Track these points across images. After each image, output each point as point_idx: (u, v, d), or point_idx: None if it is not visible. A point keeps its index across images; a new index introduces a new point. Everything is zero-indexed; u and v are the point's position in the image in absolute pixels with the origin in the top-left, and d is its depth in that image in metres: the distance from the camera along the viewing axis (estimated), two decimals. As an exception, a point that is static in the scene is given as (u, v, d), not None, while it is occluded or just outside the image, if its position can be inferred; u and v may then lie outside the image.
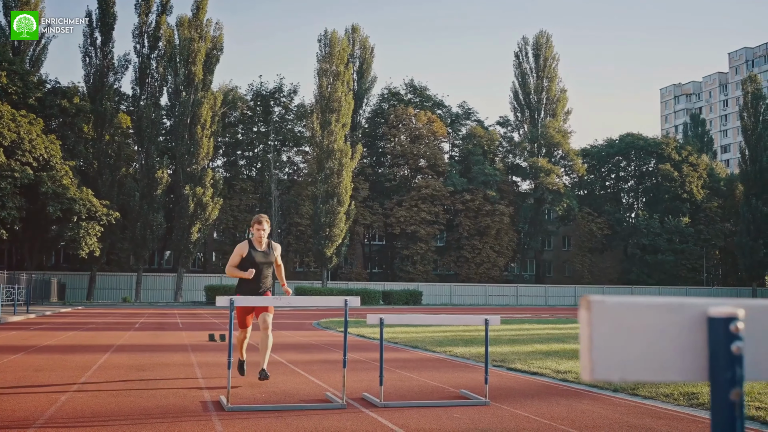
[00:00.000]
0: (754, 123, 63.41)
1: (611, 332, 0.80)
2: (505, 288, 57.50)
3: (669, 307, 0.83)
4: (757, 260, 60.96)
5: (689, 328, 0.81)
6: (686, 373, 0.81)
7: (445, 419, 5.26)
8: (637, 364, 0.81)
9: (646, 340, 0.81)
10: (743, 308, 0.80)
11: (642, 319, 0.81)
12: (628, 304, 0.82)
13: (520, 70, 64.41)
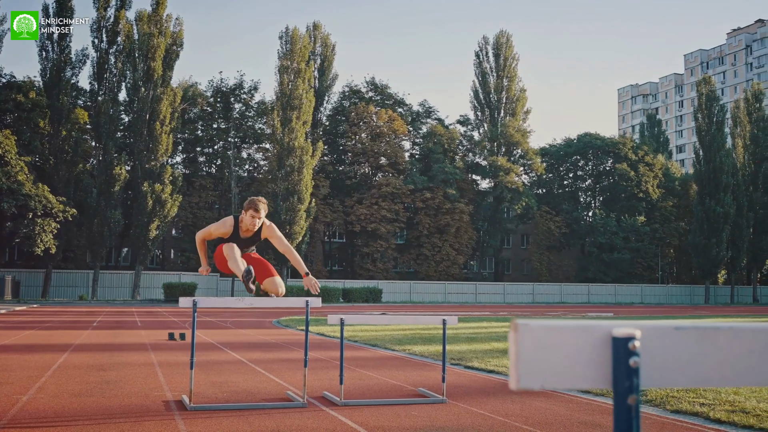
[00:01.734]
0: (708, 124, 64.74)
1: (534, 350, 0.93)
2: (465, 286, 57.99)
3: (581, 329, 0.95)
4: (710, 258, 62.28)
5: (597, 345, 0.95)
6: (595, 381, 0.95)
7: (404, 417, 5.41)
8: (555, 375, 0.95)
9: (563, 356, 0.94)
10: (640, 329, 0.95)
11: (559, 338, 0.94)
12: (548, 326, 0.94)
13: (481, 69, 64.94)
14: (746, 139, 68.19)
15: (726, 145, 65.41)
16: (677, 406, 5.78)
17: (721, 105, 67.10)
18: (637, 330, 0.95)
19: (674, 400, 5.99)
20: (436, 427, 5.05)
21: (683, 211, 69.23)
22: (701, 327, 0.96)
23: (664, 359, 0.96)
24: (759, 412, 5.39)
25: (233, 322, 19.93)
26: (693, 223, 64.50)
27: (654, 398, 6.14)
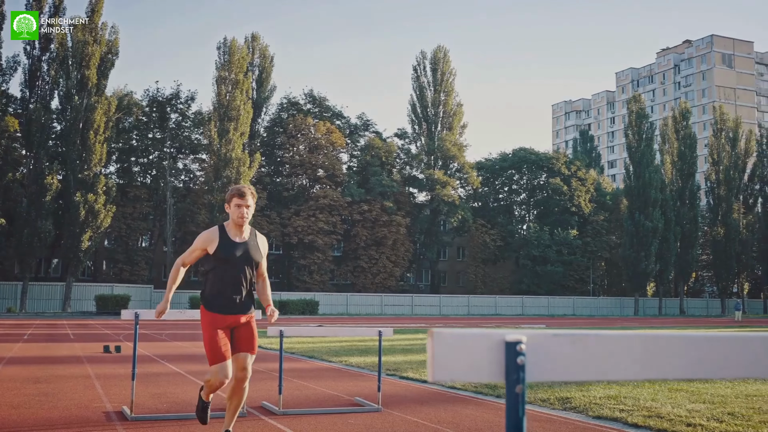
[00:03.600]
0: (638, 141, 66.73)
1: (445, 352, 1.16)
2: (401, 298, 58.40)
3: (482, 335, 1.17)
4: (639, 271, 64.05)
5: (494, 348, 1.18)
6: (491, 376, 1.17)
7: (341, 425, 5.63)
8: (461, 371, 1.16)
9: (468, 356, 1.17)
10: (526, 336, 1.19)
11: (465, 343, 1.17)
12: (456, 333, 1.17)
13: (418, 83, 65.70)
14: (674, 155, 70.46)
15: (655, 162, 67.48)
16: (599, 412, 6.13)
17: (650, 122, 69.32)
18: (524, 336, 1.18)
19: (596, 407, 6.35)
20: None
21: (614, 225, 71.09)
22: (573, 334, 1.21)
23: (545, 359, 1.19)
24: (672, 417, 5.78)
25: (169, 335, 19.82)
26: (623, 236, 66.28)
27: (578, 405, 6.49)
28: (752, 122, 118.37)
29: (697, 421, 5.55)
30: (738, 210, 73.80)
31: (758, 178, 76.24)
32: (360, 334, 7.16)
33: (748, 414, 5.87)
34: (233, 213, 5.14)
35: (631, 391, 7.33)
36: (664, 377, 1.21)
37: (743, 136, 76.98)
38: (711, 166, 74.28)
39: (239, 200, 5.14)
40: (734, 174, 73.24)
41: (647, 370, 1.21)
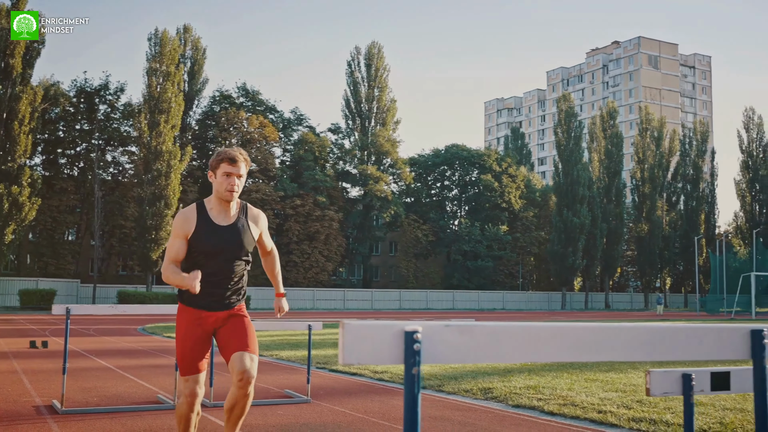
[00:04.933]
0: (567, 139, 68.25)
1: (353, 339, 1.36)
2: (334, 292, 58.56)
3: (385, 326, 1.39)
4: (566, 266, 65.57)
5: (395, 336, 1.39)
6: (392, 360, 1.38)
7: (270, 416, 5.80)
8: (367, 356, 1.37)
9: (373, 343, 1.37)
10: (421, 326, 1.40)
11: (370, 332, 1.37)
12: (363, 324, 1.38)
13: (353, 79, 65.86)
14: (601, 153, 72.31)
15: (583, 159, 69.12)
16: (518, 401, 6.44)
17: (579, 121, 70.96)
18: (420, 327, 1.39)
19: (516, 396, 6.66)
20: (300, 424, 5.47)
21: (543, 221, 72.62)
22: (462, 325, 1.43)
23: (438, 346, 1.41)
24: (585, 405, 6.12)
25: (97, 330, 19.59)
26: (552, 232, 67.74)
27: (498, 395, 6.80)
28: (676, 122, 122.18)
29: (607, 408, 5.90)
30: (661, 207, 76.24)
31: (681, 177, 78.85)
32: (291, 328, 7.33)
33: (655, 401, 6.26)
34: (219, 185, 4.09)
35: (549, 381, 7.68)
36: (536, 360, 1.44)
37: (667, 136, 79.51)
38: (636, 164, 76.48)
39: (229, 167, 4.09)
40: (658, 172, 75.60)
41: (522, 355, 1.44)
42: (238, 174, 4.10)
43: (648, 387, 2.14)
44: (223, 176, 4.08)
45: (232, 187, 4.08)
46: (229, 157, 4.09)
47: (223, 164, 4.09)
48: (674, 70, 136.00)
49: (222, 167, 4.09)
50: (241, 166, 4.11)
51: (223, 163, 4.08)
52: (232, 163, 4.08)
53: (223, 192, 4.09)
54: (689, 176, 78.66)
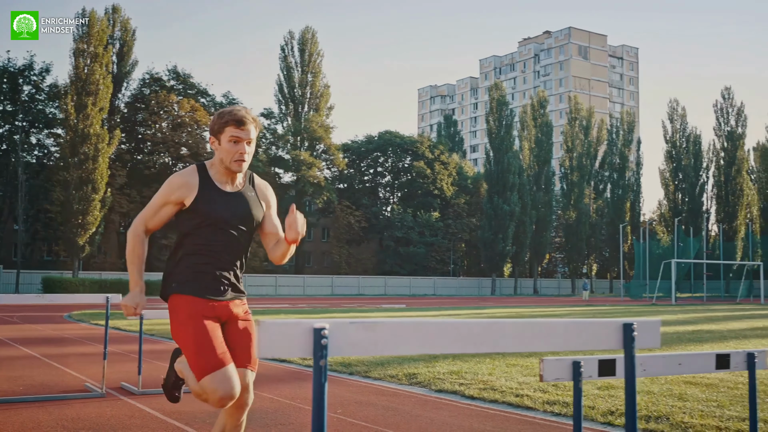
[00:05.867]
0: (498, 127, 69.25)
1: (269, 335, 1.52)
2: (265, 278, 58.37)
3: (297, 323, 1.54)
4: (496, 253, 66.71)
5: (306, 332, 1.55)
6: (304, 353, 1.54)
7: (199, 403, 5.91)
8: (282, 349, 1.53)
9: (286, 338, 1.53)
10: (328, 323, 1.56)
11: (285, 328, 1.53)
12: (277, 322, 1.53)
13: (286, 63, 65.48)
14: (531, 142, 73.59)
15: (514, 147, 70.25)
16: (440, 386, 6.69)
17: (510, 109, 72.03)
18: (327, 324, 1.56)
19: (439, 381, 6.92)
20: (227, 410, 5.61)
21: (474, 208, 73.63)
22: (365, 322, 1.60)
23: (343, 340, 1.58)
24: (504, 389, 6.41)
25: (21, 317, 19.23)
26: (482, 219, 68.77)
27: (422, 380, 7.04)
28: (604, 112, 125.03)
29: (525, 392, 6.19)
30: (589, 195, 78.10)
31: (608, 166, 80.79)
32: (219, 317, 7.40)
33: (569, 384, 6.58)
34: (225, 153, 3.42)
35: (472, 367, 7.97)
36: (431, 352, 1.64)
37: (595, 125, 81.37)
38: (565, 153, 78.09)
39: (237, 131, 3.41)
40: (586, 161, 77.37)
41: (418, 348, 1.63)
42: (247, 139, 3.43)
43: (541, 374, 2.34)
44: (229, 142, 3.41)
45: (242, 155, 3.42)
46: (236, 118, 3.42)
47: (229, 128, 3.41)
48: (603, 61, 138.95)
49: (227, 132, 3.41)
50: (250, 129, 3.45)
51: (229, 126, 3.41)
52: (240, 126, 3.41)
53: (230, 162, 3.42)
54: (616, 165, 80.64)
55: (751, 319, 21.04)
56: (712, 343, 11.46)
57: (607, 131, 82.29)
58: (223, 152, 3.42)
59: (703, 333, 14.06)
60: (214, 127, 3.45)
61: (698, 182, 76.11)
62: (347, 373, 7.72)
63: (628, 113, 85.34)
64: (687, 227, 67.47)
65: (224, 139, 3.41)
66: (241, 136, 3.40)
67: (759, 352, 2.72)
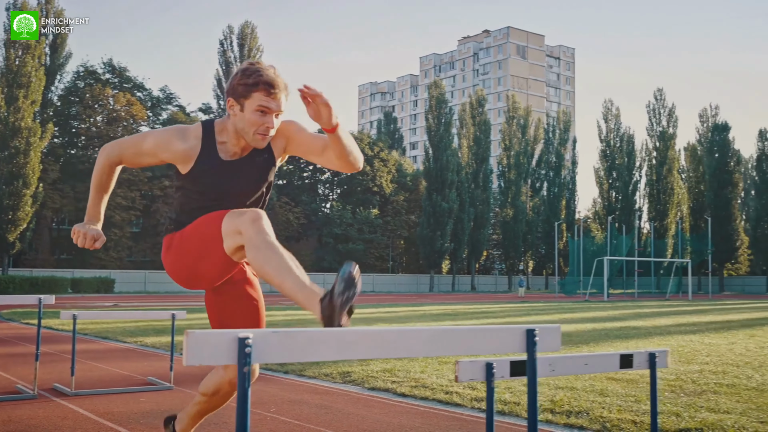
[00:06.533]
0: (437, 125, 69.91)
1: (195, 345, 1.63)
2: (203, 275, 57.79)
3: (221, 333, 1.66)
4: (435, 250, 67.37)
5: (231, 342, 1.66)
6: (229, 361, 1.65)
7: (133, 403, 5.95)
8: (208, 358, 1.64)
9: (212, 347, 1.64)
10: (252, 333, 1.67)
11: (211, 338, 1.64)
12: (204, 332, 1.65)
13: (225, 58, 64.95)
14: (470, 140, 74.47)
15: (453, 145, 71.03)
16: (373, 384, 6.85)
17: (449, 107, 72.76)
18: (251, 333, 1.68)
19: (372, 380, 7.07)
20: (162, 410, 5.65)
21: (413, 205, 74.19)
22: (286, 331, 1.73)
23: (266, 348, 1.70)
24: (435, 386, 6.60)
25: None
26: (421, 216, 69.34)
27: (356, 378, 7.19)
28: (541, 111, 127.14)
29: (454, 389, 6.39)
30: (526, 193, 79.46)
31: (544, 164, 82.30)
32: (154, 317, 7.45)
33: (497, 383, 6.81)
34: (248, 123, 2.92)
35: (404, 365, 8.15)
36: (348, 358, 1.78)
37: (533, 124, 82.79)
38: (503, 151, 79.26)
39: (267, 99, 2.90)
40: (523, 159, 78.65)
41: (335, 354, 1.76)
42: (278, 111, 2.94)
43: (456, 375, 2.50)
44: (255, 112, 2.90)
45: (267, 130, 2.95)
46: (268, 81, 2.87)
47: (258, 93, 2.88)
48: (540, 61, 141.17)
49: (255, 98, 2.88)
50: (282, 98, 2.94)
51: (258, 92, 2.87)
52: (271, 93, 2.89)
53: (252, 136, 2.95)
54: (552, 163, 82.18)
55: (678, 315, 21.78)
56: (636, 340, 11.88)
57: (544, 130, 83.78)
58: (245, 122, 2.93)
59: (629, 330, 14.54)
60: (238, 89, 2.91)
61: (631, 181, 78.03)
62: (282, 372, 7.82)
63: (564, 112, 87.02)
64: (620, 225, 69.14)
65: (250, 107, 2.90)
66: (271, 107, 2.91)
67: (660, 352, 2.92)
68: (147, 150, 3.07)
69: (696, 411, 5.26)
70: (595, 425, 4.87)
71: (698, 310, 26.31)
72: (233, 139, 3.03)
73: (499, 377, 2.56)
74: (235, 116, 2.96)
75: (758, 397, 5.96)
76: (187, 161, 3.04)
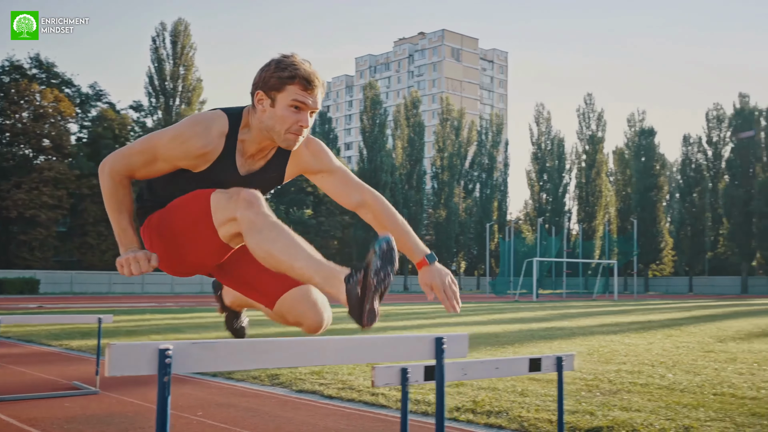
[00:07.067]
0: (372, 125, 70.22)
1: (117, 356, 1.71)
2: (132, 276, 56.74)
3: (145, 345, 1.74)
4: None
5: (151, 353, 1.75)
6: (150, 371, 1.74)
7: (57, 408, 5.91)
8: (129, 369, 1.73)
9: (133, 358, 1.73)
10: (173, 345, 1.77)
11: (131, 350, 1.73)
12: (127, 344, 1.73)
13: (157, 55, 64.08)
14: (404, 141, 75.03)
15: (387, 146, 71.42)
16: (301, 386, 6.94)
17: (384, 108, 73.14)
18: (172, 345, 1.77)
19: (300, 382, 7.16)
20: (86, 415, 5.64)
21: (346, 206, 74.25)
22: (205, 342, 1.83)
23: (186, 359, 1.80)
24: (362, 388, 6.72)
25: None
26: (355, 217, 69.42)
27: (284, 381, 7.26)
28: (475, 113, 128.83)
29: (380, 391, 6.52)
30: (459, 194, 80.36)
31: (477, 166, 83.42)
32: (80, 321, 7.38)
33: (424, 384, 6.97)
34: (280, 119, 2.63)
35: (333, 367, 8.25)
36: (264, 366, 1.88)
37: (466, 126, 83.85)
38: (437, 152, 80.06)
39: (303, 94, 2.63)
40: (457, 161, 79.60)
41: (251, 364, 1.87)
42: (313, 108, 2.66)
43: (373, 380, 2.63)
44: (288, 108, 2.61)
45: (301, 129, 2.65)
46: (305, 75, 2.60)
47: (293, 87, 2.60)
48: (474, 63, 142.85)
49: (289, 92, 2.60)
50: (318, 95, 2.67)
51: (294, 85, 2.60)
52: (308, 88, 2.62)
53: (284, 135, 2.64)
54: (485, 165, 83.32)
55: (603, 315, 22.40)
56: (560, 341, 12.22)
57: (477, 132, 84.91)
58: (276, 119, 2.62)
59: (555, 330, 14.93)
60: (270, 81, 2.61)
61: (561, 183, 79.67)
62: (210, 375, 7.84)
63: (497, 115, 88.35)
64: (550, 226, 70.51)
65: (282, 102, 2.61)
66: (307, 103, 2.62)
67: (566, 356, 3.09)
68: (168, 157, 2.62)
69: (609, 410, 5.51)
70: (513, 424, 5.07)
71: (622, 310, 27.10)
72: (256, 138, 2.69)
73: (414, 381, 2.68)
74: (264, 112, 2.64)
75: (668, 395, 6.26)
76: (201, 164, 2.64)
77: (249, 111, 2.70)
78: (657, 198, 78.50)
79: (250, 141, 2.68)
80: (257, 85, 2.64)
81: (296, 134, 2.63)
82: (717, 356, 9.67)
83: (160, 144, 2.60)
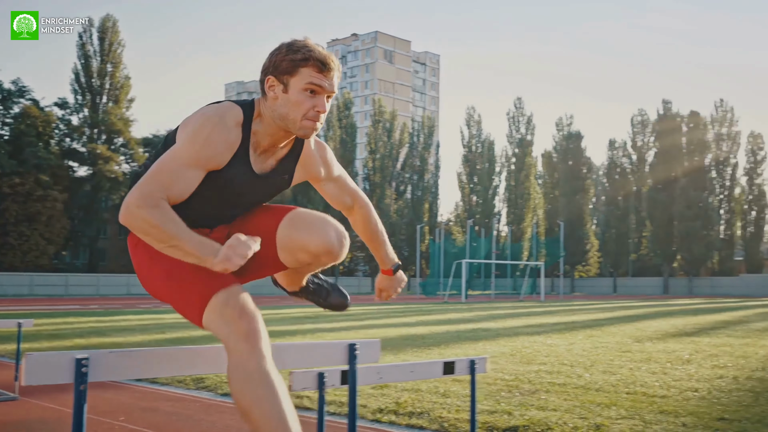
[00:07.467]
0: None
1: (34, 366, 1.75)
2: (54, 277, 55.31)
3: (60, 354, 1.80)
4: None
5: (69, 362, 1.81)
6: (67, 380, 1.80)
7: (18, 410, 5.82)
8: (47, 378, 1.78)
9: (50, 367, 1.79)
10: (90, 354, 1.82)
11: (48, 359, 1.79)
12: (42, 354, 1.78)
13: (84, 51, 62.67)
14: (336, 142, 75.00)
15: (318, 148, 71.25)
16: (226, 389, 6.95)
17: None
18: (89, 354, 1.83)
19: (225, 385, 7.17)
20: (5, 422, 5.57)
21: (278, 207, 73.95)
22: (123, 351, 1.89)
23: (103, 367, 1.86)
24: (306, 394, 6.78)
25: None
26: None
27: (209, 385, 7.27)
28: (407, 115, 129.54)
29: (305, 393, 6.60)
30: (390, 196, 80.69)
31: (409, 167, 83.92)
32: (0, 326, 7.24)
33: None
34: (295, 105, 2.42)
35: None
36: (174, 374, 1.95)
37: (398, 128, 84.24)
38: (369, 154, 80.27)
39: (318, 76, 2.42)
40: (388, 162, 79.91)
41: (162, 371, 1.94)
42: (330, 91, 2.45)
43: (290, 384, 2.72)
44: (303, 92, 2.40)
45: (317, 115, 2.45)
46: (319, 57, 2.40)
47: (307, 69, 2.39)
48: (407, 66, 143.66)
49: (303, 74, 2.39)
50: (335, 77, 2.47)
51: (308, 67, 2.39)
52: (323, 70, 2.41)
53: (299, 122, 2.43)
54: (416, 167, 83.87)
55: (528, 316, 22.88)
56: (485, 342, 12.48)
57: (409, 134, 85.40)
58: (290, 105, 2.41)
59: (480, 331, 15.21)
60: (281, 65, 2.40)
61: (491, 185, 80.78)
62: (134, 380, 7.79)
63: (429, 117, 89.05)
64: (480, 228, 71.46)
65: (296, 86, 2.40)
66: (323, 85, 2.41)
67: (479, 359, 3.23)
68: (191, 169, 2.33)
69: (526, 409, 5.71)
70: (434, 425, 5.21)
71: (548, 311, 27.70)
72: (268, 129, 2.47)
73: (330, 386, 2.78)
74: (276, 99, 2.43)
75: (584, 394, 6.50)
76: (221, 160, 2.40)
77: (260, 101, 2.51)
78: (583, 201, 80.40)
79: (262, 133, 2.47)
80: (267, 70, 2.45)
81: (314, 120, 2.44)
82: (633, 356, 10.04)
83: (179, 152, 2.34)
